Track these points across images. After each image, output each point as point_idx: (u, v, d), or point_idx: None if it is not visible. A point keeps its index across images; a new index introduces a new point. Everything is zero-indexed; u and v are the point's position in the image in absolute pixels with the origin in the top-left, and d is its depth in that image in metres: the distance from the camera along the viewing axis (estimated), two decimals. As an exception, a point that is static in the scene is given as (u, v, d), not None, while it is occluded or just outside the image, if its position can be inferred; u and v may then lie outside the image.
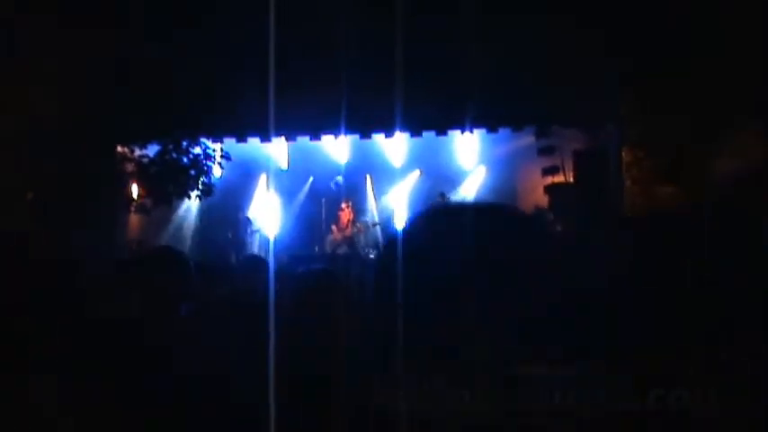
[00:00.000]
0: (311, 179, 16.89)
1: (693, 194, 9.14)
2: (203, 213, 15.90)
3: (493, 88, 10.21)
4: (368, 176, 16.88)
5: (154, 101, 9.99)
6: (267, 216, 16.05)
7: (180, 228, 15.68)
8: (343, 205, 15.27)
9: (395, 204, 16.48)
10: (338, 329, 2.57)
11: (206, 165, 11.59)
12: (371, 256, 13.92)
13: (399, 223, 15.45)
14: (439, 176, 15.92)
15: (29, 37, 9.08)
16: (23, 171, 9.70)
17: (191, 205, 15.29)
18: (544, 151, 12.30)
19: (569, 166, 11.96)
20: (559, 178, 12.44)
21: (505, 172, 15.46)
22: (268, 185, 16.48)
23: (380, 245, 15.06)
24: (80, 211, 9.77)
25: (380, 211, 16.54)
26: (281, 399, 1.80)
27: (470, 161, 16.07)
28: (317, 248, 15.67)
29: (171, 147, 11.26)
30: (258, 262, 5.35)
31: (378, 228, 15.58)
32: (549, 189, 12.58)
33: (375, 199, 16.78)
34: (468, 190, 15.90)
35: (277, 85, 6.66)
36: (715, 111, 9.16)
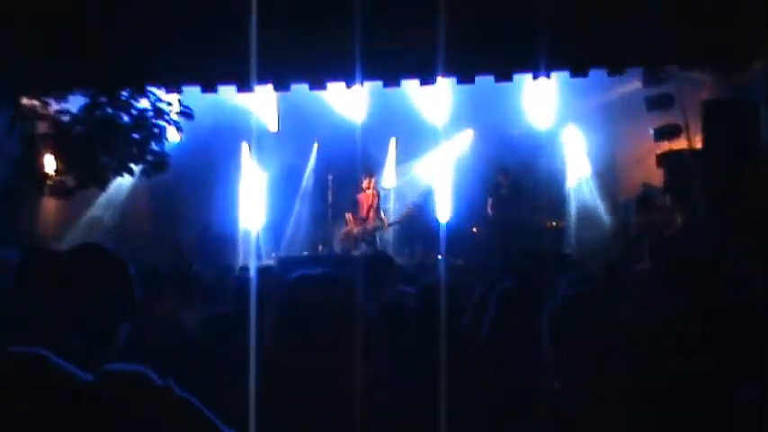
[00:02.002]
0: (315, 147, 17.13)
1: None
2: (154, 197, 16.17)
3: (579, 12, 10.19)
4: (392, 141, 17.11)
5: (79, 32, 10.10)
6: (249, 201, 16.21)
7: (118, 218, 15.95)
8: (365, 183, 15.33)
9: (432, 181, 16.58)
10: (340, 362, 2.63)
11: (156, 126, 11.65)
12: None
13: (443, 212, 15.55)
14: (500, 141, 15.98)
15: None
16: None
17: (134, 185, 15.53)
18: (657, 103, 12.27)
19: (695, 124, 11.95)
20: (680, 143, 12.42)
21: (599, 134, 15.47)
22: (250, 156, 16.62)
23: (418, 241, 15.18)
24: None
25: (408, 191, 16.70)
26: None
27: (546, 118, 16.12)
28: (320, 247, 15.79)
29: (103, 99, 11.31)
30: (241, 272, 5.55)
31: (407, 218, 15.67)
32: (665, 159, 12.53)
33: (400, 173, 16.97)
34: (541, 160, 15.92)
35: (261, 9, 6.73)
36: None
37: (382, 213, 15.33)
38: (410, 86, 13.53)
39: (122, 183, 14.44)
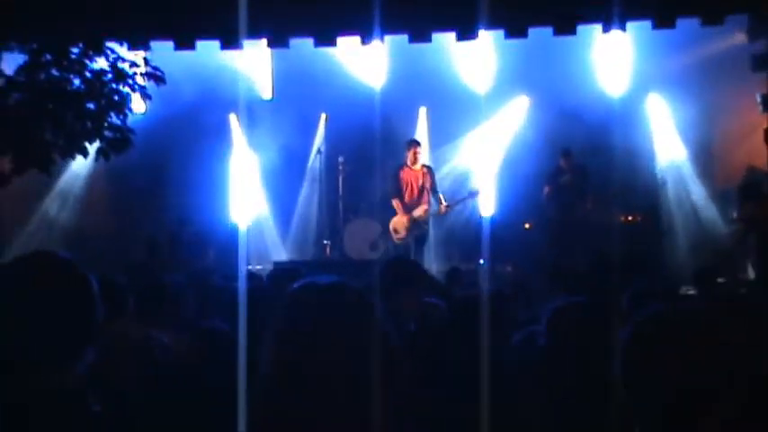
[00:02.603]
0: (323, 120, 17.11)
1: None
2: (117, 186, 16.36)
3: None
4: (423, 110, 17.21)
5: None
6: (238, 190, 16.26)
7: (71, 215, 16.15)
8: (410, 157, 14.74)
9: (473, 164, 16.61)
10: (352, 394, 2.65)
11: (117, 93, 11.73)
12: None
13: (486, 204, 15.55)
14: (560, 113, 15.95)
15: None
16: None
17: (90, 171, 15.69)
18: (765, 62, 12.24)
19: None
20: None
21: (691, 104, 15.39)
22: (239, 132, 16.65)
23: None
24: None
25: (447, 176, 16.72)
26: None
27: (620, 83, 16.06)
28: (328, 250, 15.80)
29: (48, 58, 11.32)
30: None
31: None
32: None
33: (434, 153, 16.95)
34: (614, 138, 15.87)
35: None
36: None
37: (441, 195, 14.94)
38: (444, 42, 13.55)
39: (77, 168, 14.52)
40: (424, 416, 3.46)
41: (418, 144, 15.00)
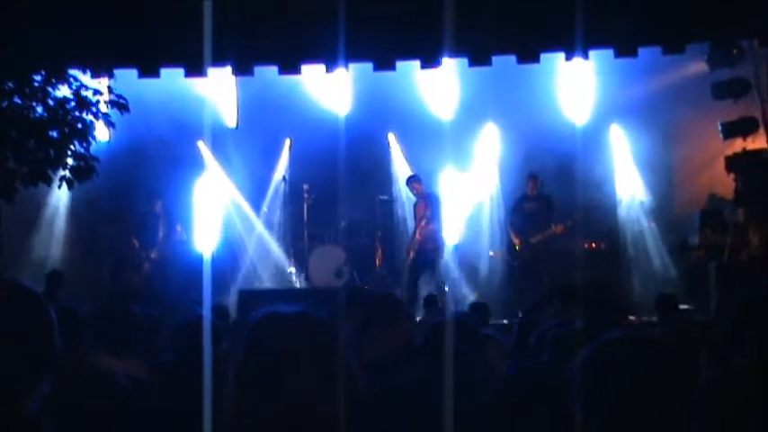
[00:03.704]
0: (288, 144, 17.19)
1: None
2: (79, 215, 16.23)
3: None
4: (391, 136, 17.26)
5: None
6: (203, 218, 16.19)
7: (34, 244, 16.01)
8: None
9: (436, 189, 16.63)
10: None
11: (80, 120, 11.67)
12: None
13: (450, 230, 15.58)
14: (527, 135, 16.01)
15: None
16: None
17: (52, 199, 15.65)
18: (727, 90, 12.30)
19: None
20: (757, 141, 12.45)
21: (652, 130, 15.45)
22: (208, 159, 16.61)
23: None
24: None
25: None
26: None
27: (582, 111, 16.10)
28: (294, 278, 15.84)
29: (10, 85, 11.18)
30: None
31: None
32: (737, 162, 12.58)
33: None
34: (576, 165, 15.88)
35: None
36: None
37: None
38: (409, 69, 13.60)
39: (41, 196, 14.46)
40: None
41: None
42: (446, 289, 14.75)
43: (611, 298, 8.15)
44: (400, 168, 16.90)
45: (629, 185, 16.22)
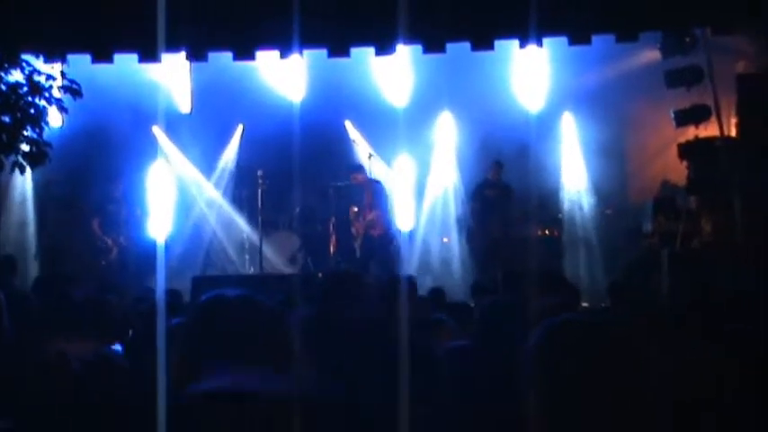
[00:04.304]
0: (240, 128, 17.16)
1: None
2: (37, 200, 16.15)
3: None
4: (347, 123, 17.23)
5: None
6: (156, 205, 16.11)
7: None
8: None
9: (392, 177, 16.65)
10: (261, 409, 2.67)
11: (33, 106, 11.64)
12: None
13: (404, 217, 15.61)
14: (482, 122, 16.15)
15: None
16: None
17: (10, 185, 15.53)
18: (680, 78, 12.40)
19: (728, 105, 12.13)
20: (709, 129, 12.55)
21: (606, 118, 15.59)
22: (163, 144, 16.53)
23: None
24: None
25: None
26: None
27: (536, 99, 16.21)
28: (247, 264, 15.84)
29: None
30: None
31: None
32: (690, 150, 12.66)
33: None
34: (530, 152, 15.95)
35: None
36: None
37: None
38: (362, 56, 13.59)
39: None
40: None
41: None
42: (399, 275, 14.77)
43: (565, 283, 8.21)
44: (357, 155, 16.86)
45: (582, 173, 16.30)
